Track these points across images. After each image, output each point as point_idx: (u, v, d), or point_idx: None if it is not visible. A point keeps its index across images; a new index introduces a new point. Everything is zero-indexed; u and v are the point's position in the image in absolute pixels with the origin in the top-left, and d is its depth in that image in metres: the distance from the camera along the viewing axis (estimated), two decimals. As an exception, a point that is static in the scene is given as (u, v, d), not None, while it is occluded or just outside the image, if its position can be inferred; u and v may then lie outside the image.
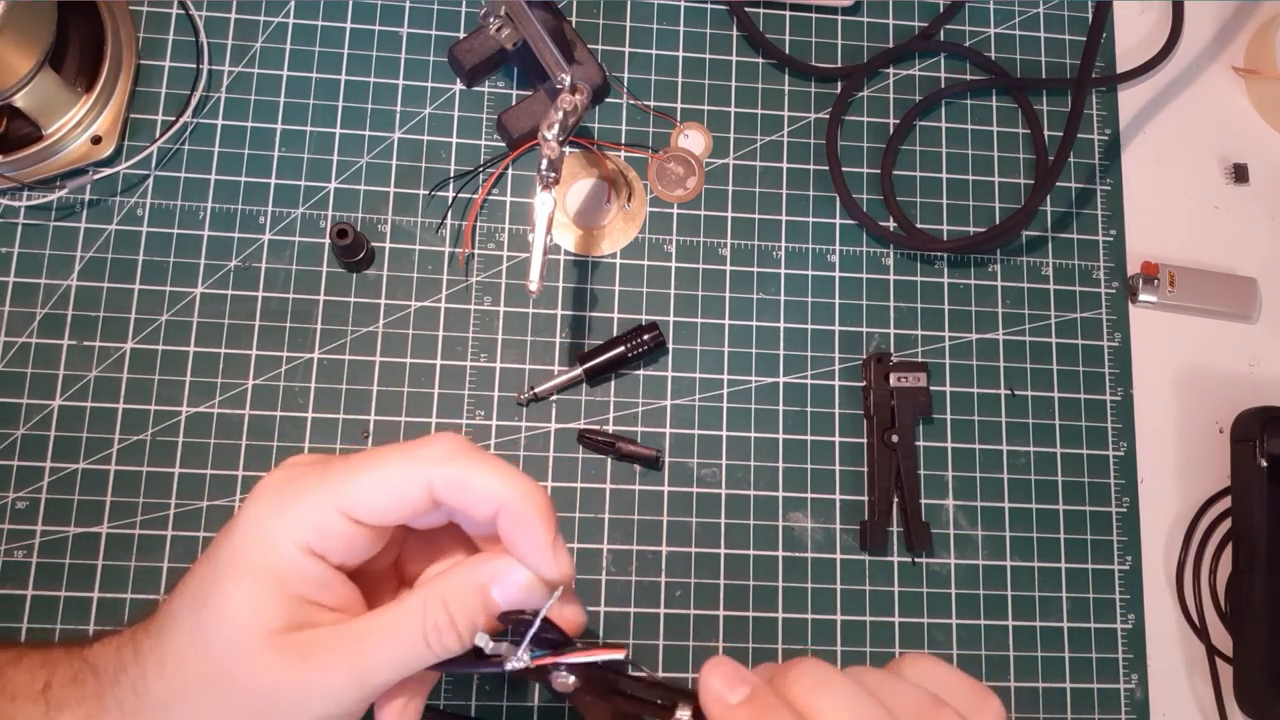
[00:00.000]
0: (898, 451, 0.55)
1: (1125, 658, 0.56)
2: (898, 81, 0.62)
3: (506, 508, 0.33)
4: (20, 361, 0.53)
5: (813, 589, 0.55)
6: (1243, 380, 0.60)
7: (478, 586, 0.33)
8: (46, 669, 0.35)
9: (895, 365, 0.56)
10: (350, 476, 0.33)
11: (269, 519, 0.33)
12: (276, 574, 0.32)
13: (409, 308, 0.56)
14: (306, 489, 0.33)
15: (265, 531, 0.32)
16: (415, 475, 0.33)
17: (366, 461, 0.33)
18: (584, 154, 0.59)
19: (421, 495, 0.33)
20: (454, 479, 0.33)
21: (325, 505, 0.32)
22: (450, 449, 0.33)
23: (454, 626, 0.32)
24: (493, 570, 0.33)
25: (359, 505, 0.33)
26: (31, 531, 0.51)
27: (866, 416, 0.56)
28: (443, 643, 0.32)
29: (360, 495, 0.33)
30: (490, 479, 0.33)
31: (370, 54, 0.59)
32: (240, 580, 0.32)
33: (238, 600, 0.32)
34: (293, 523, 0.32)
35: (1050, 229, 0.61)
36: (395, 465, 0.33)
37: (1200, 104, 0.64)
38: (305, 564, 0.33)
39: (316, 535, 0.32)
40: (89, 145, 0.55)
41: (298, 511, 0.33)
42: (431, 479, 0.33)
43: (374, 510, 0.33)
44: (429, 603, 0.33)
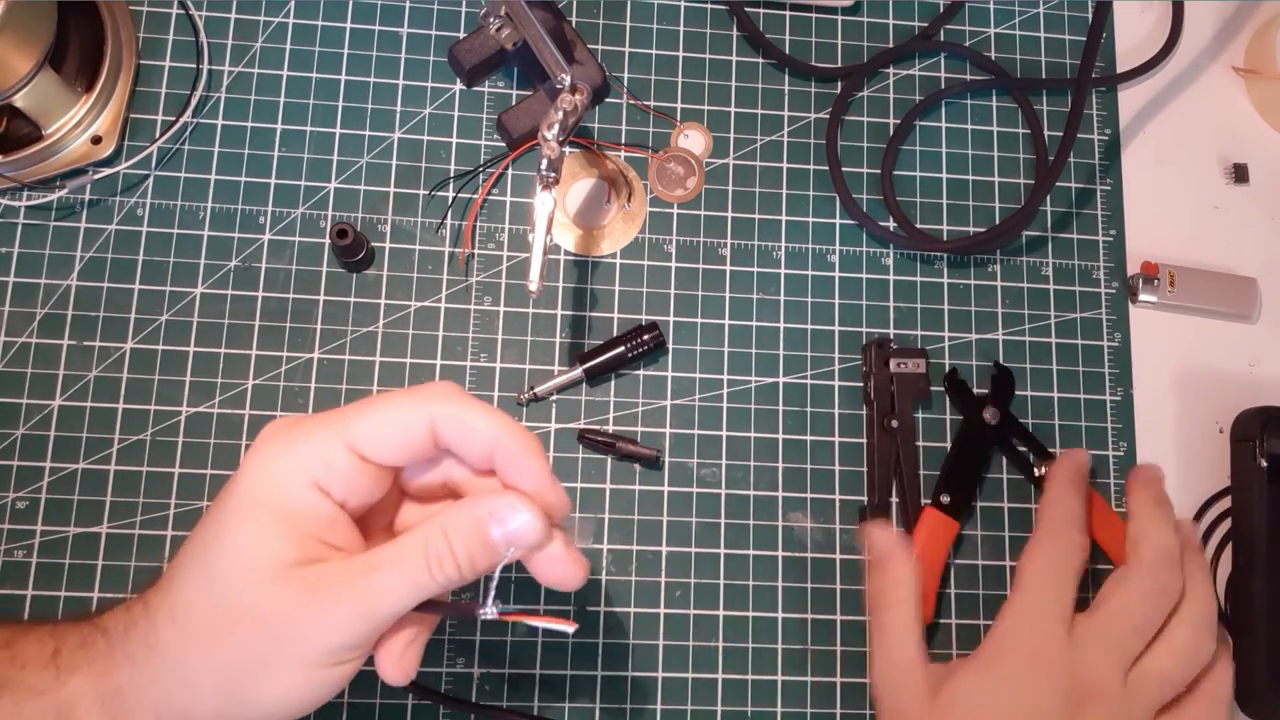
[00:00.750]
0: (898, 437, 0.55)
1: (1125, 658, 0.56)
2: (898, 81, 0.62)
3: (503, 443, 0.35)
4: (20, 361, 0.53)
5: (813, 589, 0.55)
6: (1243, 380, 0.60)
7: (476, 520, 0.34)
8: (55, 638, 0.35)
9: (895, 351, 0.56)
10: (357, 414, 0.35)
11: (276, 458, 0.34)
12: (284, 511, 0.33)
13: (409, 308, 0.56)
14: (314, 427, 0.34)
15: (272, 470, 0.34)
16: (419, 412, 0.35)
17: (372, 401, 0.35)
18: (584, 154, 0.59)
19: (424, 432, 0.35)
20: (454, 417, 0.35)
21: (333, 441, 0.34)
22: (450, 390, 0.36)
23: (454, 557, 0.34)
24: (491, 506, 0.35)
25: (366, 441, 0.34)
26: (31, 531, 0.51)
27: (866, 402, 0.56)
28: (444, 572, 0.34)
29: (368, 431, 0.34)
30: (486, 417, 0.35)
31: (370, 54, 0.59)
32: (248, 518, 0.33)
33: (246, 538, 0.33)
34: (300, 459, 0.34)
35: (1050, 229, 0.61)
36: (400, 402, 0.35)
37: (1200, 104, 0.64)
38: (313, 500, 0.34)
39: (324, 471, 0.34)
40: (89, 145, 0.55)
41: (305, 449, 0.34)
42: (434, 416, 0.35)
43: (380, 445, 0.34)
44: (431, 534, 0.34)
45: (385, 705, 0.51)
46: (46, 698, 0.34)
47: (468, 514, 0.35)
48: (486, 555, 0.34)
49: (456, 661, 0.52)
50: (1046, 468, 0.55)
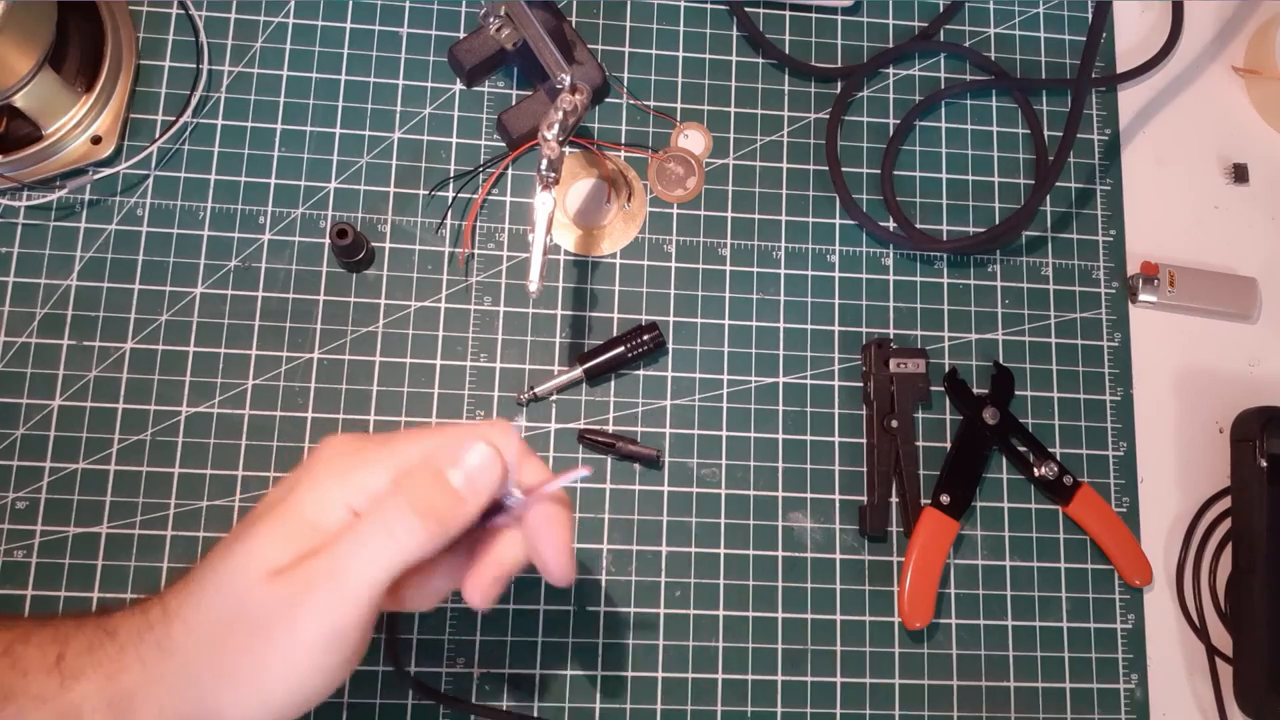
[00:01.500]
0: (897, 437, 0.55)
1: (1125, 658, 0.56)
2: (898, 81, 0.62)
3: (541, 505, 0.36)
4: (20, 361, 0.53)
5: (813, 589, 0.55)
6: (1243, 380, 0.60)
7: (434, 471, 0.35)
8: (58, 642, 0.35)
9: (895, 351, 0.56)
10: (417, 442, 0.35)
11: (330, 479, 0.35)
12: (317, 527, 0.34)
13: (409, 308, 0.56)
14: (373, 459, 0.35)
15: (323, 489, 0.34)
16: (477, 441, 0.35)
17: (431, 429, 0.36)
18: (584, 154, 0.59)
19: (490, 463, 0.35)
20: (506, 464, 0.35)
21: (385, 473, 0.35)
22: (507, 439, 0.36)
23: (413, 512, 0.34)
24: (449, 456, 0.35)
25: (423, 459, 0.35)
26: (31, 531, 0.51)
27: (866, 403, 0.56)
28: (405, 528, 0.34)
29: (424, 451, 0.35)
30: (536, 476, 0.36)
31: (370, 54, 0.59)
32: (279, 524, 0.34)
33: (260, 544, 0.34)
34: (351, 487, 0.34)
35: (1050, 229, 0.61)
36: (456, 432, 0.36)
37: (1200, 104, 0.64)
38: (341, 518, 0.34)
39: (364, 498, 0.34)
40: (89, 145, 0.55)
41: (359, 478, 0.35)
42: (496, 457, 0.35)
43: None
44: (390, 500, 0.34)
45: (385, 705, 0.51)
46: (51, 704, 0.34)
47: (424, 466, 0.35)
48: (450, 503, 0.34)
49: (457, 661, 0.52)
50: (1045, 468, 0.55)
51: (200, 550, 0.52)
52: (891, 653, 0.54)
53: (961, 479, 0.55)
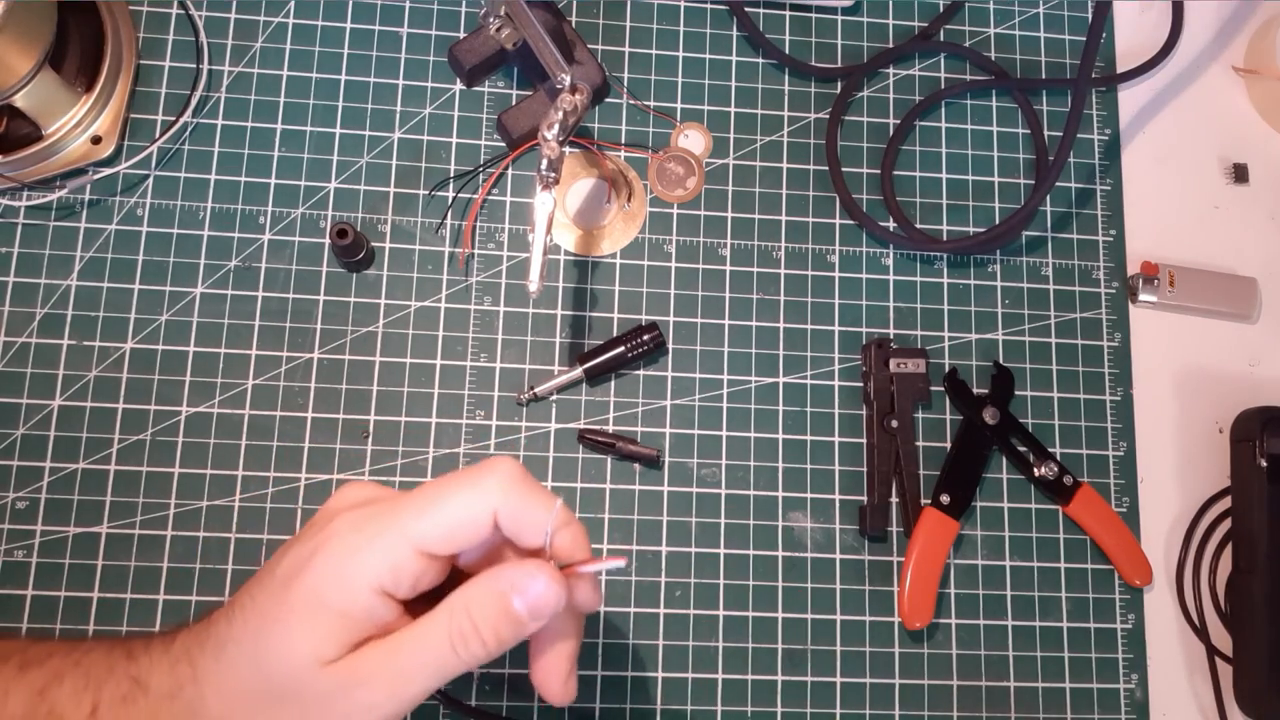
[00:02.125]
0: (897, 437, 0.55)
1: (1125, 658, 0.56)
2: (898, 81, 0.62)
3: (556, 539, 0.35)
4: (20, 361, 0.53)
5: (813, 589, 0.55)
6: (1243, 380, 0.60)
7: (498, 594, 0.34)
8: (91, 689, 0.35)
9: (895, 351, 0.56)
10: (421, 513, 0.34)
11: (346, 560, 0.34)
12: (348, 614, 0.34)
13: (409, 308, 0.56)
14: (383, 529, 0.34)
15: (343, 575, 0.34)
16: (482, 508, 0.35)
17: (435, 497, 0.35)
18: (584, 154, 0.59)
19: (487, 525, 0.35)
20: (515, 512, 0.35)
21: (400, 545, 0.34)
22: (509, 479, 0.35)
23: (478, 633, 0.34)
24: (512, 579, 0.34)
25: (432, 540, 0.34)
26: (31, 531, 0.51)
27: (866, 402, 0.56)
28: (469, 649, 0.34)
29: (432, 531, 0.34)
30: (546, 513, 0.35)
31: (370, 54, 0.59)
32: (311, 619, 0.33)
33: (303, 638, 0.33)
34: (369, 565, 0.34)
35: (1050, 229, 0.61)
36: (463, 499, 0.35)
37: (1200, 104, 0.64)
38: (377, 605, 0.34)
39: (391, 577, 0.34)
40: (89, 145, 0.55)
41: (375, 554, 0.34)
42: (496, 509, 0.35)
43: (445, 543, 0.34)
44: (454, 612, 0.34)
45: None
46: None
47: (489, 588, 0.34)
48: (511, 628, 0.34)
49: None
50: (1045, 468, 0.55)
51: (200, 551, 0.52)
52: (891, 653, 0.54)
53: (961, 479, 0.55)
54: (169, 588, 0.51)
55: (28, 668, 0.37)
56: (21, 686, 0.36)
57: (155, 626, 0.51)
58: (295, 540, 0.36)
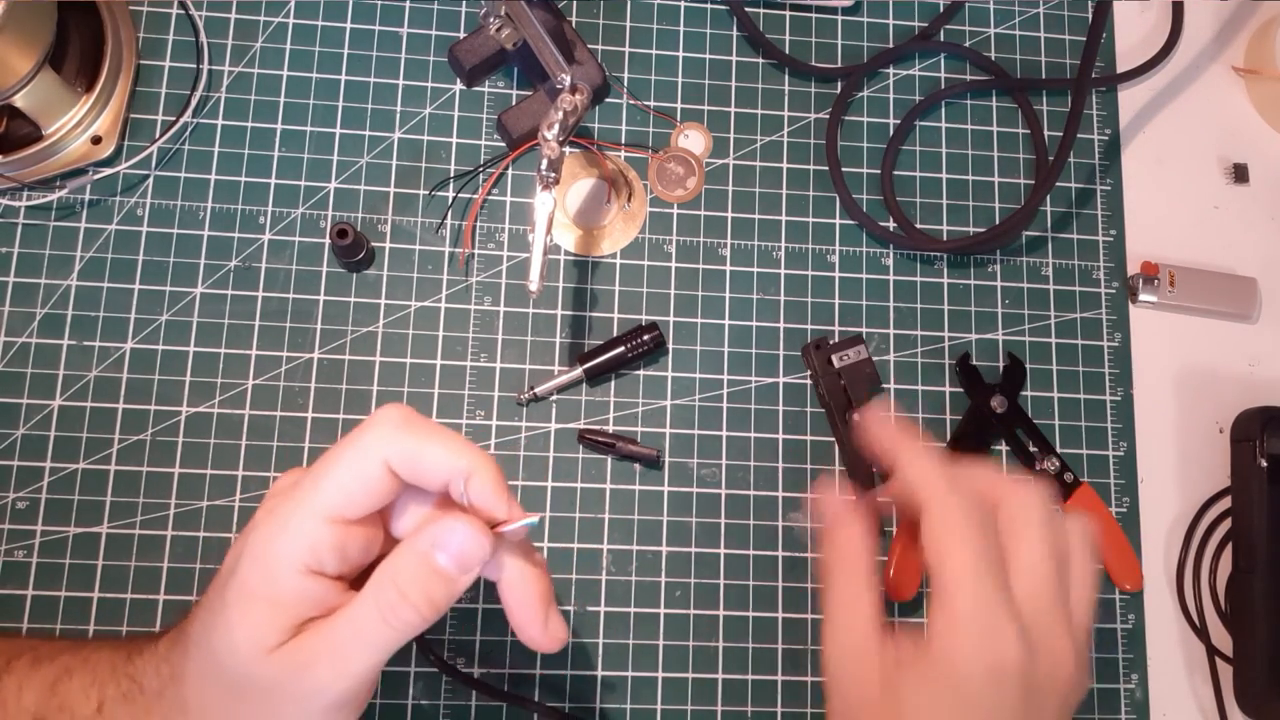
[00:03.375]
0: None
1: (1125, 658, 0.56)
2: (898, 81, 0.62)
3: (457, 477, 0.34)
4: (20, 361, 0.53)
5: (813, 589, 0.55)
6: (1243, 380, 0.60)
7: (420, 555, 0.34)
8: (98, 686, 0.36)
9: (834, 346, 0.56)
10: (317, 482, 0.34)
11: (266, 547, 0.34)
12: (277, 600, 0.34)
13: (409, 308, 0.56)
14: (290, 510, 0.34)
15: (264, 562, 0.34)
16: (370, 460, 0.34)
17: (328, 462, 0.35)
18: (584, 154, 0.59)
19: (383, 477, 0.34)
20: (405, 455, 0.34)
21: (307, 520, 0.34)
22: (392, 424, 0.34)
23: (406, 600, 0.34)
24: (431, 536, 0.34)
25: (333, 507, 0.34)
26: (31, 531, 0.51)
27: (823, 405, 0.56)
28: (401, 617, 0.34)
29: (332, 497, 0.34)
30: (439, 451, 0.34)
31: (370, 54, 0.59)
32: (245, 611, 0.34)
33: (242, 630, 0.34)
34: (286, 548, 0.34)
35: (1050, 229, 0.61)
36: (349, 456, 0.34)
37: (1200, 104, 0.64)
38: (305, 586, 0.34)
39: (312, 554, 0.34)
40: (89, 145, 0.55)
41: (288, 536, 0.34)
42: (386, 459, 0.34)
43: (353, 504, 0.34)
44: (380, 586, 0.34)
45: (385, 705, 0.51)
46: None
47: (410, 550, 0.34)
48: (441, 585, 0.34)
49: (457, 661, 0.52)
50: (1048, 462, 0.55)
51: (200, 551, 0.52)
52: (891, 653, 0.54)
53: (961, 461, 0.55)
54: (169, 588, 0.51)
55: (40, 663, 0.38)
56: (34, 681, 0.37)
57: (155, 626, 0.51)
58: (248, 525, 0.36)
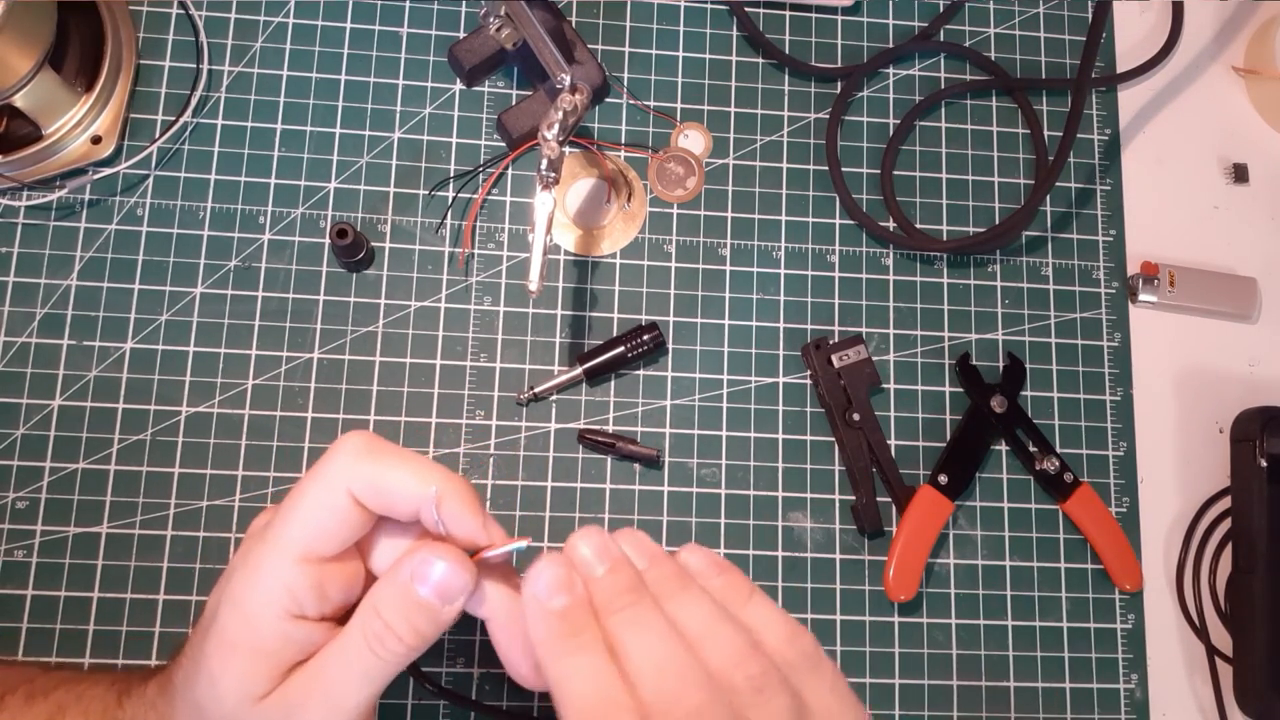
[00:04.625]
0: (863, 429, 0.55)
1: (1125, 658, 0.56)
2: (898, 81, 0.62)
3: (427, 504, 0.33)
4: (20, 361, 0.53)
5: (812, 589, 0.55)
6: (1243, 380, 0.60)
7: (402, 587, 0.33)
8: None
9: (834, 346, 0.56)
10: (285, 522, 0.33)
11: (243, 595, 0.33)
12: (261, 649, 0.33)
13: (409, 308, 0.56)
14: (262, 554, 0.33)
15: (243, 611, 0.33)
16: (334, 494, 0.33)
17: (292, 500, 0.33)
18: (584, 154, 0.59)
19: (349, 509, 0.33)
20: (369, 484, 0.33)
21: (280, 563, 0.33)
22: (354, 454, 0.33)
23: (392, 631, 0.33)
24: (411, 568, 0.33)
25: (304, 546, 0.33)
26: (31, 531, 0.51)
27: (823, 406, 0.56)
28: (388, 649, 0.33)
29: (300, 536, 0.33)
30: (405, 477, 0.33)
31: (370, 54, 0.59)
32: (230, 663, 0.33)
33: (224, 681, 0.33)
34: (263, 596, 0.33)
35: (1050, 229, 0.61)
36: (313, 491, 0.33)
37: (1200, 104, 0.64)
38: (288, 631, 0.33)
39: (290, 598, 0.33)
40: (89, 145, 0.55)
41: (263, 582, 0.33)
42: (350, 490, 0.33)
43: (319, 543, 0.33)
44: (365, 617, 0.33)
45: (385, 705, 0.51)
46: None
47: (392, 582, 0.33)
48: (425, 616, 0.33)
49: (457, 661, 0.52)
50: (1048, 462, 0.55)
51: (200, 551, 0.52)
52: (892, 653, 0.54)
53: (961, 462, 0.56)
54: (169, 588, 0.51)
55: (34, 699, 0.38)
56: (27, 718, 0.37)
57: (155, 627, 0.51)
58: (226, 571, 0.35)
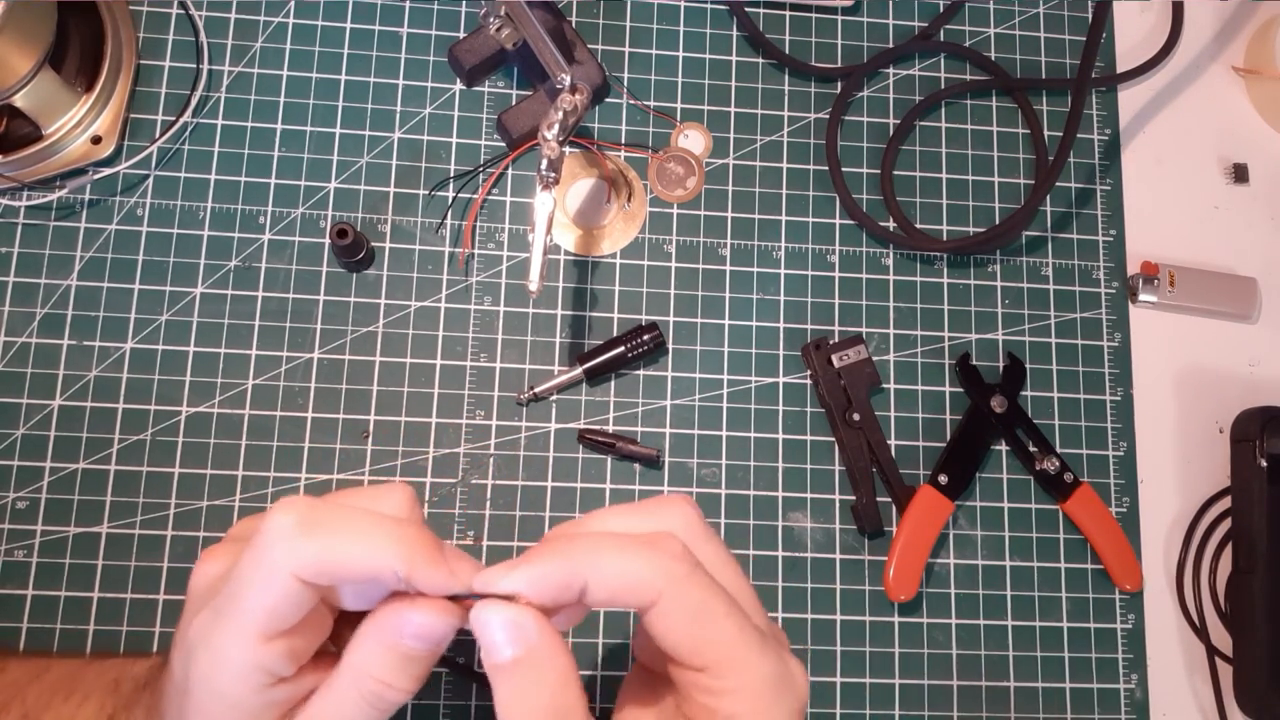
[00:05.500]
0: (863, 429, 0.55)
1: (1125, 658, 0.56)
2: (898, 81, 0.62)
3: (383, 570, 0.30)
4: (20, 361, 0.53)
5: (812, 589, 0.55)
6: (1243, 380, 0.60)
7: (389, 645, 0.32)
8: None
9: (834, 346, 0.56)
10: (237, 609, 0.31)
11: (214, 681, 0.32)
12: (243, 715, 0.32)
13: (409, 308, 0.56)
14: (224, 641, 0.31)
15: (217, 689, 0.32)
16: (282, 580, 0.30)
17: (238, 585, 0.31)
18: (584, 154, 0.59)
19: (301, 590, 0.31)
20: (315, 566, 0.30)
21: (245, 647, 0.31)
22: (290, 536, 0.30)
23: (392, 689, 0.32)
24: (390, 625, 0.31)
25: (265, 626, 0.31)
26: (31, 531, 0.51)
27: (823, 406, 0.56)
28: (388, 700, 0.32)
29: (259, 619, 0.31)
30: (351, 548, 0.30)
31: (370, 54, 0.59)
32: None
33: None
34: (236, 679, 0.31)
35: (1050, 229, 0.61)
36: (258, 582, 0.31)
37: (1200, 104, 0.64)
38: (272, 695, 0.32)
39: (263, 673, 0.31)
40: (89, 145, 0.55)
41: (232, 667, 0.31)
42: (295, 574, 0.30)
43: (278, 622, 0.31)
44: (358, 678, 0.32)
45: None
46: None
47: (378, 642, 0.31)
48: (420, 664, 0.32)
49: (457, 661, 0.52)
50: (1048, 462, 0.55)
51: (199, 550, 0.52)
52: (892, 653, 0.54)
53: (961, 461, 0.56)
54: (169, 588, 0.51)
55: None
56: None
57: (155, 627, 0.51)
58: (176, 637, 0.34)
